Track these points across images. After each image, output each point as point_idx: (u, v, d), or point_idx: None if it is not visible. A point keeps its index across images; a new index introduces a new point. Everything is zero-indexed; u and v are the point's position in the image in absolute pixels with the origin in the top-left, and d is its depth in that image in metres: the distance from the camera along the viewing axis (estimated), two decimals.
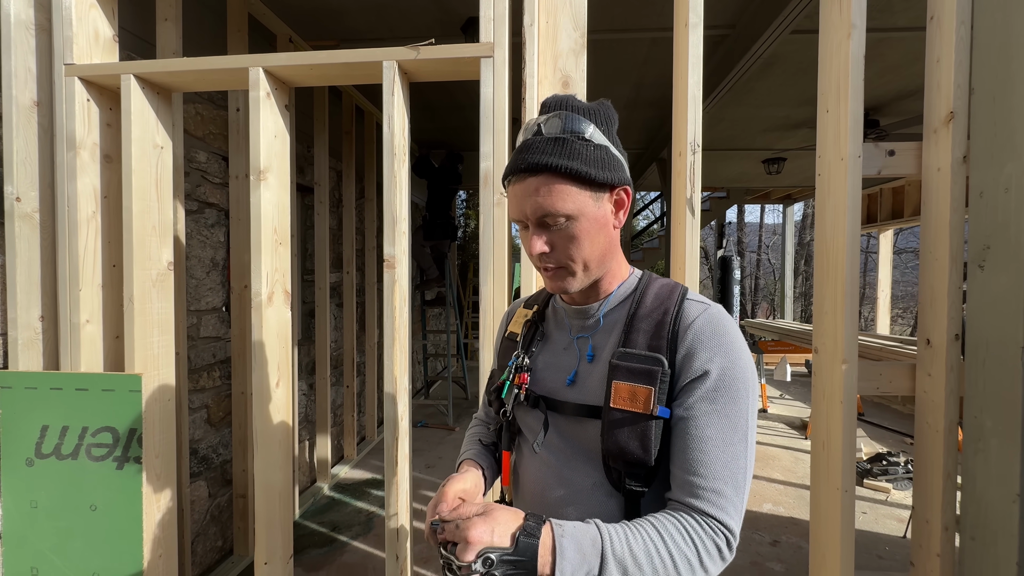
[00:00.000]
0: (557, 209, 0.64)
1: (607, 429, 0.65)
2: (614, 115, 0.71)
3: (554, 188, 0.64)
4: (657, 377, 0.63)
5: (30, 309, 1.51)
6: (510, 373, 0.77)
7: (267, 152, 1.49)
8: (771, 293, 16.99)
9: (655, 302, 0.70)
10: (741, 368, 0.63)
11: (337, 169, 3.63)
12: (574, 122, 0.65)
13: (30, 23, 1.48)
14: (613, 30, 2.92)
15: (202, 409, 2.34)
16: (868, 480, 3.40)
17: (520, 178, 0.66)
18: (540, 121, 0.67)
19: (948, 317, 1.30)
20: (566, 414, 0.71)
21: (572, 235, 0.66)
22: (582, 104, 0.69)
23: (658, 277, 0.76)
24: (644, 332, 0.68)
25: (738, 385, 0.63)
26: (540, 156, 0.64)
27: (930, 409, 1.35)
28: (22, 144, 1.47)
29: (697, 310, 0.67)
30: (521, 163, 0.66)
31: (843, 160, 1.34)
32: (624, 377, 0.65)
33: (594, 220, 0.67)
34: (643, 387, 0.63)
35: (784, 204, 8.73)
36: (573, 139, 0.65)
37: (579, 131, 0.65)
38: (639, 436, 0.63)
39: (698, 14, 1.34)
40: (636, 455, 0.63)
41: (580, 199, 0.65)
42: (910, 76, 3.61)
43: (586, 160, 0.64)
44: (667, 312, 0.68)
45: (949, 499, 1.33)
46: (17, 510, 1.48)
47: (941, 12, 1.32)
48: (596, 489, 0.69)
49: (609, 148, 0.67)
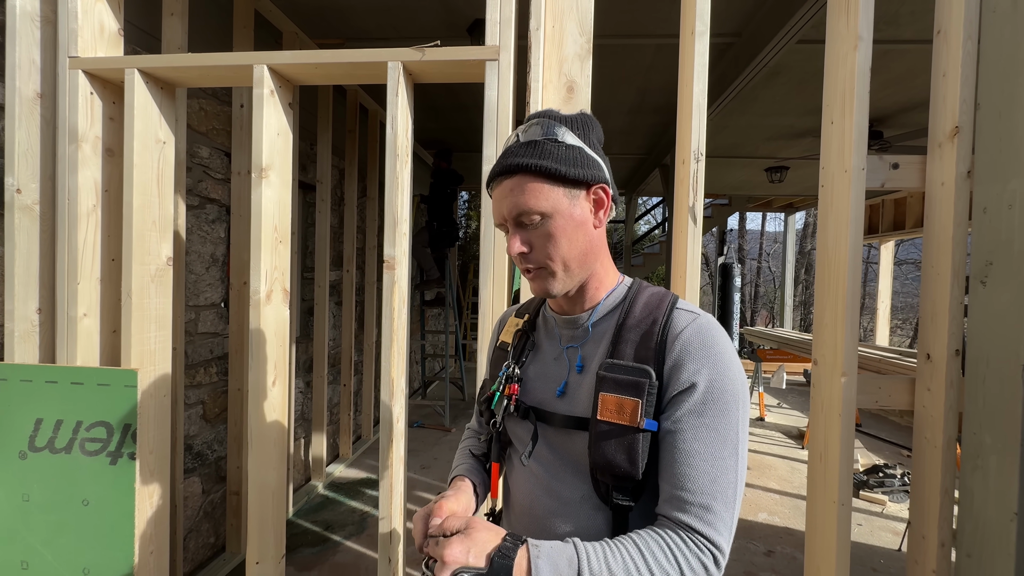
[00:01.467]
0: (531, 207, 0.66)
1: (594, 442, 0.64)
2: (594, 123, 0.73)
3: (527, 187, 0.66)
4: (644, 389, 0.62)
5: (27, 301, 1.50)
6: (500, 383, 0.77)
7: (270, 150, 1.48)
8: (771, 301, 16.99)
9: (644, 312, 0.69)
10: (730, 379, 0.62)
11: (340, 167, 3.63)
12: (549, 127, 0.68)
13: (36, 15, 1.48)
14: (618, 35, 2.92)
15: (198, 405, 2.33)
16: (864, 492, 3.39)
17: (498, 182, 0.69)
18: (520, 130, 0.70)
19: (949, 332, 1.29)
20: (555, 426, 0.71)
21: (548, 233, 0.67)
22: (561, 114, 0.71)
23: (648, 286, 0.75)
24: (632, 343, 0.67)
25: (727, 397, 0.62)
26: (514, 158, 0.67)
27: (929, 424, 1.34)
28: (24, 136, 1.47)
29: (685, 320, 0.66)
30: (497, 167, 0.69)
31: (847, 172, 1.33)
32: (611, 389, 0.64)
33: (570, 218, 0.67)
34: (630, 399, 0.63)
35: (786, 212, 8.73)
36: (546, 141, 0.67)
37: (553, 135, 0.67)
38: (626, 449, 0.62)
39: (705, 22, 1.33)
40: (623, 468, 0.62)
41: (553, 196, 0.66)
42: (915, 88, 3.61)
43: (557, 158, 0.66)
44: (655, 322, 0.67)
45: (946, 515, 1.32)
46: (9, 503, 1.47)
47: (948, 26, 1.32)
48: (584, 502, 0.68)
49: (583, 148, 0.68)
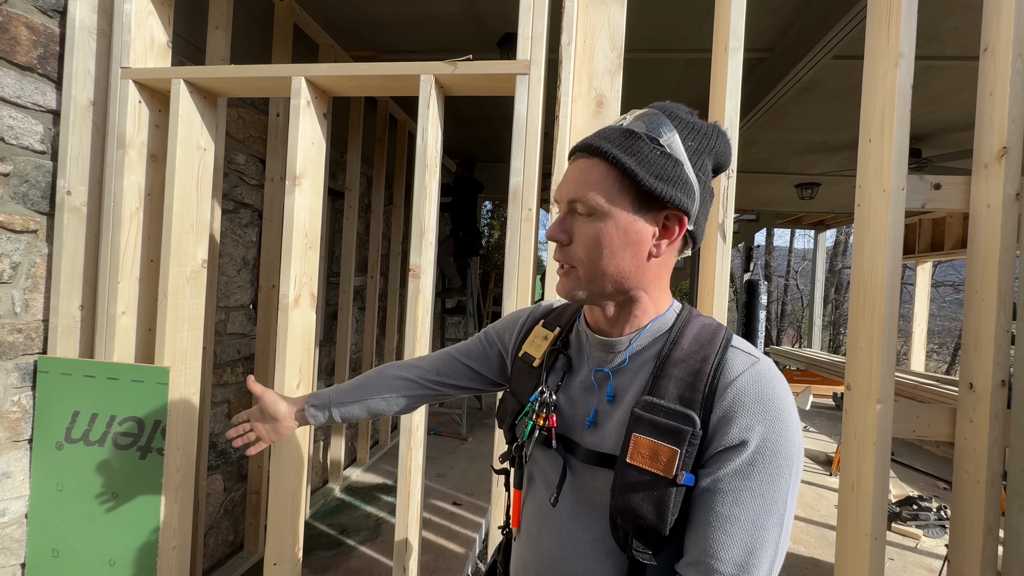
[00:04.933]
0: (588, 197, 0.58)
1: (619, 485, 0.57)
2: (719, 142, 0.62)
3: (596, 176, 0.58)
4: (686, 438, 0.54)
5: (71, 298, 1.57)
6: (534, 411, 0.68)
7: (304, 158, 1.52)
8: (798, 320, 16.51)
9: (693, 346, 0.61)
10: (787, 441, 0.54)
11: (368, 175, 3.71)
12: (658, 124, 0.58)
13: (92, 28, 1.56)
14: (648, 50, 2.92)
15: (223, 404, 2.39)
16: (897, 524, 3.23)
17: (576, 157, 0.62)
18: (631, 114, 0.62)
19: (994, 361, 1.23)
20: (579, 458, 0.64)
21: (594, 234, 0.59)
22: (687, 116, 0.61)
23: (699, 315, 0.66)
24: (677, 381, 0.58)
25: (780, 461, 0.53)
26: (602, 140, 0.59)
27: (971, 458, 1.28)
28: (76, 141, 1.55)
29: (742, 364, 0.58)
30: (583, 142, 0.61)
31: (885, 192, 1.29)
32: (647, 432, 0.56)
33: (623, 231, 0.58)
34: (668, 447, 0.55)
35: (816, 230, 8.51)
36: (645, 137, 0.58)
37: (657, 134, 0.58)
38: (655, 501, 0.55)
39: (739, 39, 1.32)
40: (649, 521, 0.55)
41: (618, 199, 0.58)
42: (957, 106, 3.49)
43: (643, 160, 0.57)
44: (706, 360, 0.59)
45: (990, 555, 1.25)
46: (44, 492, 1.53)
47: (996, 44, 1.27)
48: (597, 543, 0.62)
49: (683, 165, 0.58)
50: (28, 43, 1.49)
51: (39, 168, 1.53)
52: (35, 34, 1.50)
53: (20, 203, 1.50)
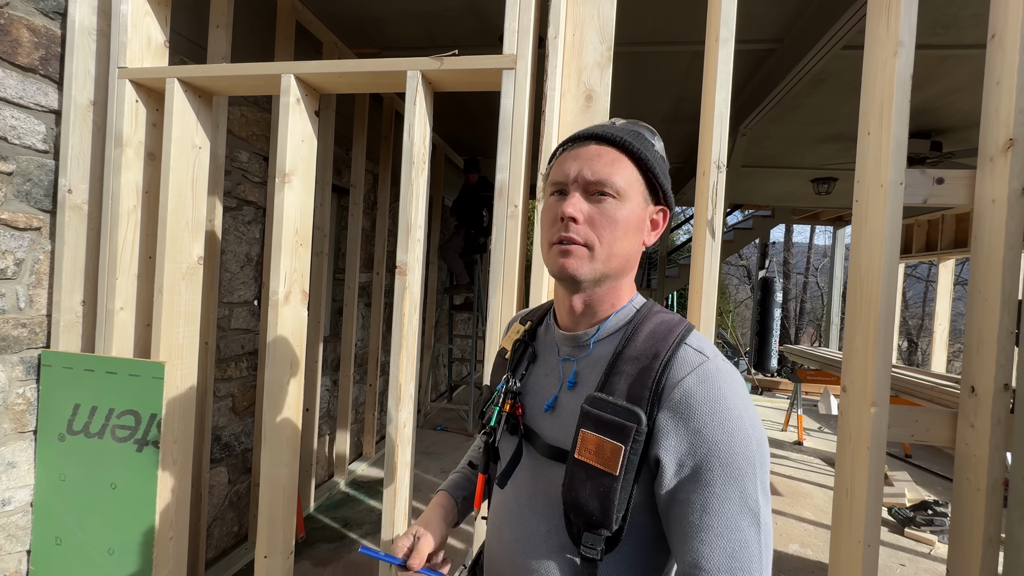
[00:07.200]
0: (614, 180, 0.62)
1: (568, 479, 0.59)
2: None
3: (618, 163, 0.63)
4: (630, 435, 0.56)
5: (73, 293, 1.61)
6: (499, 398, 0.72)
7: (294, 155, 1.53)
8: (817, 318, 16.14)
9: (647, 343, 0.61)
10: (741, 442, 0.54)
11: (373, 172, 3.73)
12: (650, 130, 0.68)
13: (92, 29, 1.60)
14: (654, 42, 2.87)
15: (228, 397, 2.44)
16: (910, 529, 3.14)
17: (584, 144, 0.65)
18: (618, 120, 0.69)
19: (997, 364, 1.18)
20: (538, 450, 0.66)
21: (614, 216, 0.62)
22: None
23: (661, 310, 0.67)
24: (627, 377, 0.60)
25: (738, 460, 0.54)
26: (616, 132, 0.64)
27: (971, 464, 1.22)
28: (77, 140, 1.59)
29: (691, 363, 0.58)
30: (588, 132, 0.65)
31: (883, 187, 1.24)
32: (593, 427, 0.58)
33: (636, 217, 0.64)
34: (612, 442, 0.56)
35: (835, 226, 8.28)
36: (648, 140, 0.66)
37: (652, 139, 0.67)
38: (599, 496, 0.56)
39: (730, 29, 1.28)
40: (595, 516, 0.57)
41: (636, 188, 0.64)
42: (978, 97, 3.35)
43: (655, 159, 0.65)
44: (657, 357, 0.59)
45: (990, 565, 1.20)
46: (48, 482, 1.58)
47: (1004, 31, 1.21)
48: (550, 536, 0.63)
49: (667, 167, 0.68)
50: (30, 45, 1.52)
51: (42, 167, 1.58)
52: (37, 36, 1.54)
53: (24, 201, 1.54)
